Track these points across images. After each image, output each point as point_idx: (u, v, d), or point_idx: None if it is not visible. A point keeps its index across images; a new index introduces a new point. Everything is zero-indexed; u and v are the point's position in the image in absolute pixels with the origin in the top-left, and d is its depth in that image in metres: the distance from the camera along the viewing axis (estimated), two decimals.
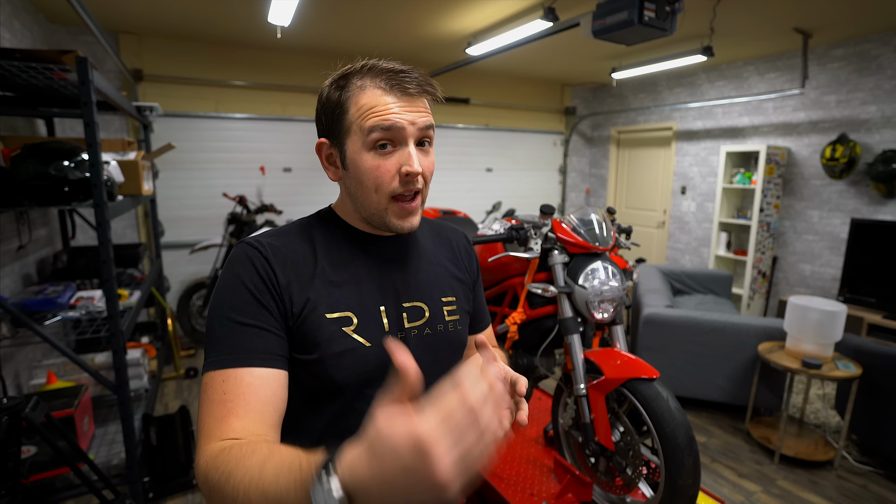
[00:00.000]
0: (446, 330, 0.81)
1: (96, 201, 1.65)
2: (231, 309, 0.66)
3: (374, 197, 0.71)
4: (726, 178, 4.47)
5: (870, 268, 3.49)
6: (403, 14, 3.32)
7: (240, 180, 4.33)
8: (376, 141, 0.68)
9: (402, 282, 0.78)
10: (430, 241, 0.88)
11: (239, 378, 0.62)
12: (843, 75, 3.82)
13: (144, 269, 3.47)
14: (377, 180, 0.70)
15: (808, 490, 2.28)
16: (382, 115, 0.67)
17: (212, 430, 0.60)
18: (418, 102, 0.70)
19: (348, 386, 0.70)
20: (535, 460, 1.79)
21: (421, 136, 0.71)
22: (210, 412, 0.61)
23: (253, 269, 0.68)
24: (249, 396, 0.61)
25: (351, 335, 0.70)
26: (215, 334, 0.66)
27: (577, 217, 1.63)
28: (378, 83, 0.68)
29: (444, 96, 0.74)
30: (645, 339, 2.99)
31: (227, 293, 0.67)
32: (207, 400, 0.62)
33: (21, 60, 1.51)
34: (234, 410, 0.60)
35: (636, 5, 2.23)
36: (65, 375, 2.35)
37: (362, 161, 0.70)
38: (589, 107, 6.29)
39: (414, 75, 0.69)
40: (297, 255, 0.72)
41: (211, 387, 0.62)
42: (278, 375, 0.65)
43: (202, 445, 0.59)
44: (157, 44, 3.90)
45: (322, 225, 0.78)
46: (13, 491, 1.31)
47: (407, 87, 0.68)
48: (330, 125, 0.73)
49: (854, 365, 2.37)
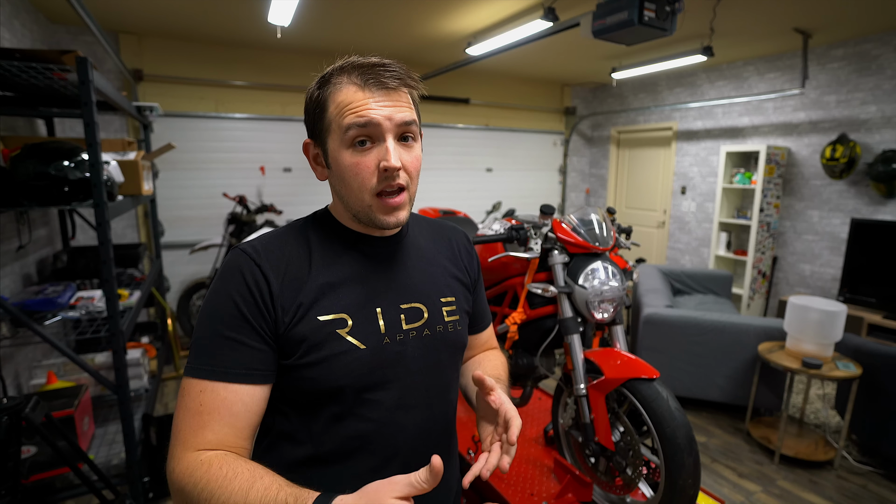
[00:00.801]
0: (446, 331, 0.80)
1: (96, 201, 1.65)
2: (216, 320, 0.67)
3: (357, 194, 0.70)
4: (726, 178, 4.47)
5: (870, 268, 3.49)
6: (403, 14, 3.32)
7: (240, 180, 4.33)
8: (354, 138, 0.68)
9: (400, 282, 0.77)
10: (429, 241, 0.87)
11: (215, 392, 0.64)
12: (843, 75, 3.82)
13: (144, 269, 3.47)
14: (358, 177, 0.69)
15: (808, 490, 2.28)
16: (358, 112, 0.66)
17: (187, 439, 0.63)
18: (397, 97, 0.69)
19: (344, 388, 0.69)
20: (535, 460, 1.79)
21: (401, 131, 0.69)
22: (185, 420, 0.64)
23: (242, 282, 0.67)
24: (224, 411, 0.64)
25: (345, 337, 0.70)
26: (199, 340, 0.67)
27: (577, 217, 1.62)
28: (353, 79, 0.68)
29: (444, 96, 0.75)
30: (645, 339, 2.99)
31: (215, 303, 0.68)
32: (184, 407, 0.65)
33: (21, 60, 1.51)
34: (209, 424, 0.63)
35: (636, 5, 2.23)
36: (65, 375, 2.35)
37: (342, 159, 0.69)
38: (589, 107, 6.29)
39: (392, 69, 0.68)
40: (292, 258, 0.72)
41: (188, 394, 0.65)
42: (253, 391, 0.67)
43: (177, 451, 0.63)
44: (157, 44, 3.90)
45: (318, 226, 0.78)
46: (13, 491, 1.31)
47: (384, 82, 0.67)
48: (313, 125, 0.73)
49: (854, 365, 2.37)
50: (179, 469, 0.61)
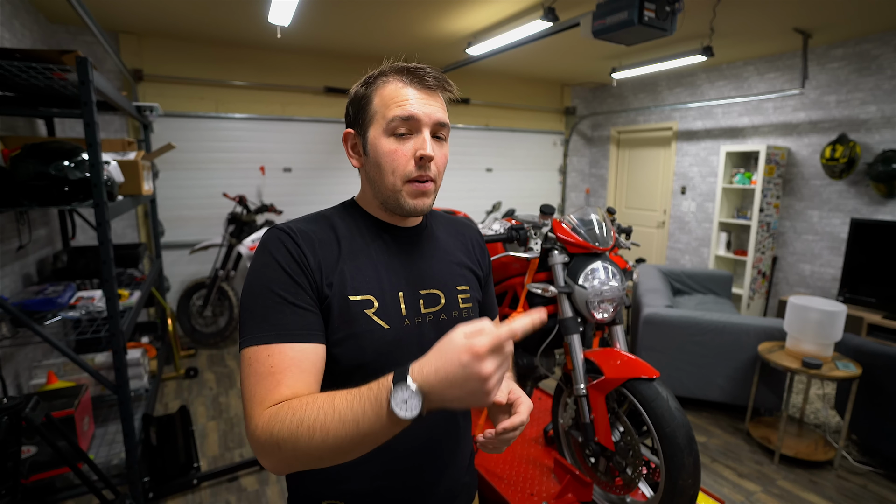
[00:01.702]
0: (461, 316, 0.84)
1: (96, 201, 1.65)
2: (269, 288, 0.70)
3: (390, 179, 0.76)
4: (726, 178, 4.47)
5: (870, 268, 3.49)
6: (403, 14, 3.32)
7: (240, 180, 4.33)
8: (395, 128, 0.75)
9: (420, 269, 0.83)
10: (446, 234, 0.93)
11: (283, 353, 0.67)
12: (843, 75, 3.82)
13: (144, 269, 3.47)
14: (394, 163, 0.75)
15: (808, 490, 2.28)
16: (403, 105, 0.74)
17: (263, 399, 0.65)
18: (435, 98, 0.77)
19: (366, 364, 0.73)
20: (535, 460, 1.79)
21: (435, 129, 0.77)
22: (259, 384, 0.66)
23: (286, 251, 0.72)
24: (295, 368, 0.67)
25: (372, 317, 0.75)
26: (255, 311, 0.70)
27: (577, 217, 1.62)
28: (400, 77, 0.76)
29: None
30: (645, 339, 2.99)
31: (265, 273, 0.72)
32: (254, 373, 0.67)
33: (21, 60, 1.51)
34: (283, 381, 0.66)
35: (636, 5, 2.23)
36: (65, 375, 2.35)
37: (381, 145, 0.76)
38: (589, 107, 6.29)
39: (431, 72, 0.77)
40: (323, 240, 0.77)
41: (256, 360, 0.67)
42: (317, 349, 0.70)
43: (255, 413, 0.65)
44: (157, 44, 3.90)
45: (344, 214, 0.83)
46: (13, 491, 1.31)
47: (426, 81, 0.76)
48: (356, 116, 0.80)
49: (854, 365, 2.37)
50: (262, 423, 0.63)
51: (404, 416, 0.55)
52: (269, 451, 0.62)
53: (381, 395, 0.57)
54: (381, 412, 0.57)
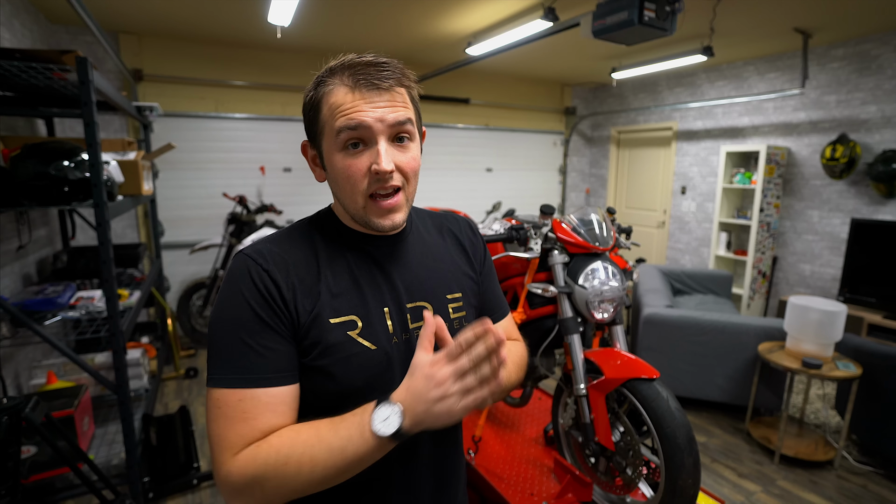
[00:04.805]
0: (451, 328, 0.79)
1: (96, 201, 1.65)
2: (235, 327, 0.66)
3: (350, 197, 0.70)
4: (726, 178, 4.47)
5: (870, 268, 3.49)
6: (403, 14, 3.32)
7: (240, 180, 4.33)
8: (346, 141, 0.67)
9: (405, 281, 0.77)
10: (434, 235, 0.86)
11: (256, 398, 0.64)
12: (843, 75, 3.82)
13: (144, 269, 3.47)
14: (350, 180, 0.68)
15: (808, 490, 2.28)
16: (348, 115, 0.65)
17: (234, 444, 0.62)
18: (390, 96, 0.67)
19: (355, 390, 0.69)
20: (535, 460, 1.79)
21: (395, 131, 0.68)
22: (230, 428, 0.62)
23: (253, 286, 0.66)
24: (268, 413, 0.64)
25: (356, 339, 0.70)
26: (221, 351, 0.66)
27: (577, 217, 1.62)
28: (345, 80, 0.67)
29: (444, 96, 0.75)
30: (645, 339, 2.99)
31: (230, 309, 0.67)
32: (223, 416, 0.63)
33: (21, 60, 1.51)
34: (258, 426, 0.63)
35: (636, 5, 2.23)
36: (65, 375, 2.35)
37: (335, 161, 0.69)
38: (589, 107, 6.29)
39: (386, 68, 0.67)
40: (299, 260, 0.71)
41: (226, 403, 0.63)
42: (290, 390, 0.67)
43: (226, 457, 0.62)
44: (157, 44, 3.90)
45: (321, 227, 0.77)
46: (13, 491, 1.31)
47: (375, 83, 0.66)
48: (309, 126, 0.72)
49: (854, 365, 2.37)
50: (237, 467, 0.60)
51: (384, 432, 0.58)
52: (246, 493, 0.61)
53: (365, 418, 0.60)
54: (365, 433, 0.59)
